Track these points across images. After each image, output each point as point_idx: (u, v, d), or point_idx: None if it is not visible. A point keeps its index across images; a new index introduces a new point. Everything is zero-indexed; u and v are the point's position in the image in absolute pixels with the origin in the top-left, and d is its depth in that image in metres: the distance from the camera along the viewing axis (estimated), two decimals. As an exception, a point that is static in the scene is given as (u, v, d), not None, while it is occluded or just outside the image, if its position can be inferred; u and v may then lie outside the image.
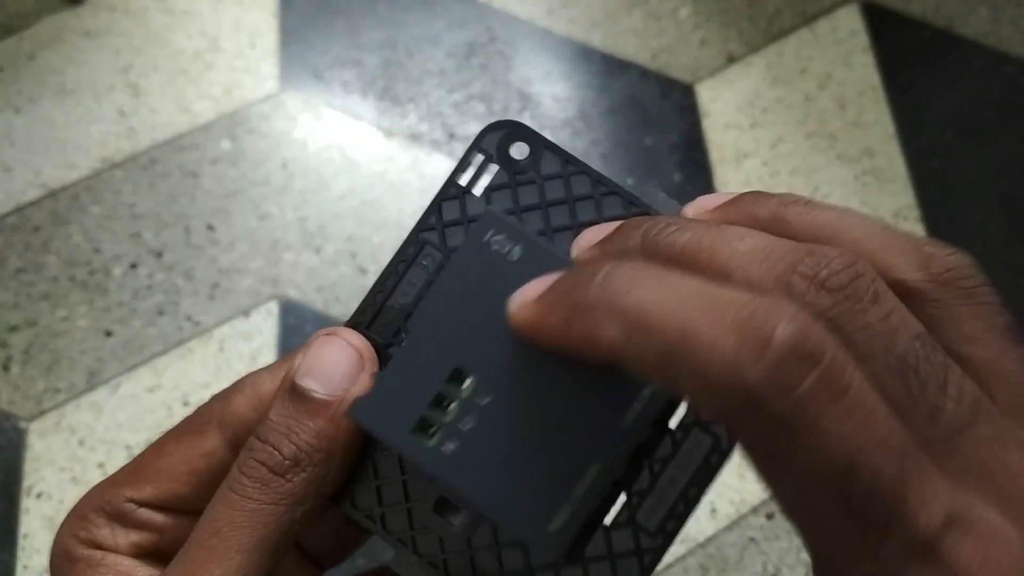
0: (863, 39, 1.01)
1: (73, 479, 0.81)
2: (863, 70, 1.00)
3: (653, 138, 0.97)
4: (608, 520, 0.18)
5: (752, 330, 0.12)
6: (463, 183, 0.20)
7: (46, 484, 0.81)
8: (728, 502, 0.81)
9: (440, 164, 0.96)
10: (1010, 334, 0.15)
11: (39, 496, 0.81)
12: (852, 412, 0.12)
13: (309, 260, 0.91)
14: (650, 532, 0.18)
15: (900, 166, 0.95)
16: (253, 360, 0.86)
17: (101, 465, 0.82)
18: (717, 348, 0.12)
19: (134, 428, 0.84)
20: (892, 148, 0.96)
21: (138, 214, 0.93)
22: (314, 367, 0.19)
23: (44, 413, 0.84)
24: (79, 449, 0.83)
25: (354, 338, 0.19)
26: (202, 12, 1.04)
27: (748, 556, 0.79)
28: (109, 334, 0.88)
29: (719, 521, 0.80)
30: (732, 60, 1.01)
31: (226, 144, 0.97)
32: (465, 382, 0.18)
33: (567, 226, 0.19)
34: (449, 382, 0.18)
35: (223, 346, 0.87)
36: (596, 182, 0.20)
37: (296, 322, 0.87)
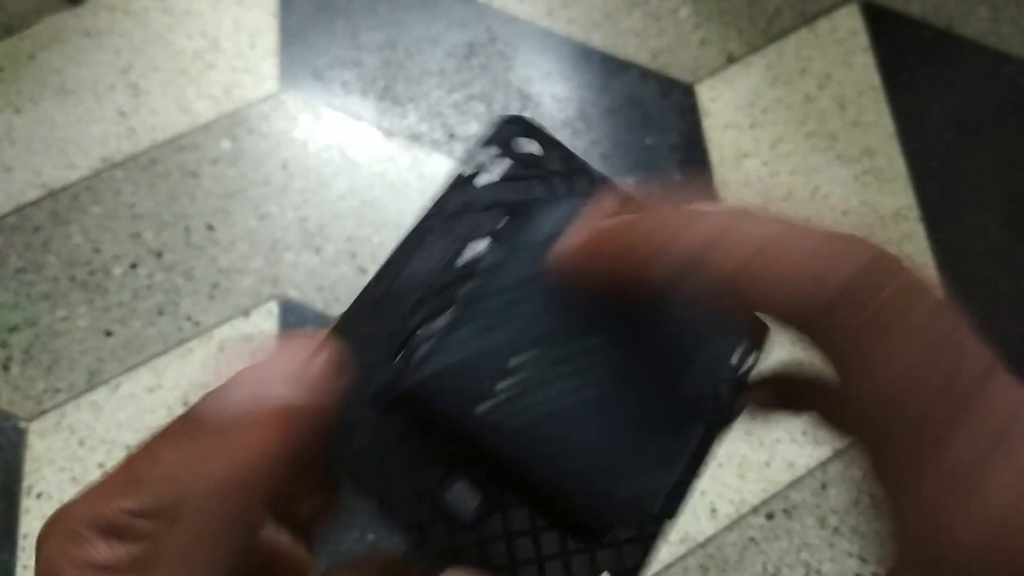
0: (863, 39, 1.01)
1: (73, 479, 0.81)
2: (863, 70, 1.00)
3: (653, 138, 0.97)
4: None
5: (837, 244, 0.14)
6: (469, 173, 0.19)
7: (46, 484, 0.81)
8: (728, 502, 0.81)
9: (440, 164, 0.95)
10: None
11: (39, 496, 0.81)
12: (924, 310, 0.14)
13: (309, 260, 0.91)
14: (652, 517, 0.18)
15: (900, 166, 0.95)
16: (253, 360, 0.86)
17: (101, 465, 0.82)
18: (803, 259, 0.14)
19: (134, 428, 0.84)
20: (892, 148, 0.96)
21: (138, 214, 0.93)
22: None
23: (44, 413, 0.84)
24: (79, 449, 0.83)
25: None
26: (202, 12, 1.04)
27: (748, 556, 0.79)
28: (109, 334, 0.88)
29: (719, 521, 0.80)
30: (732, 60, 1.01)
31: (226, 144, 0.97)
32: (524, 355, 0.17)
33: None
34: (511, 355, 0.17)
35: (223, 346, 0.87)
36: (598, 180, 0.20)
37: (296, 322, 0.87)
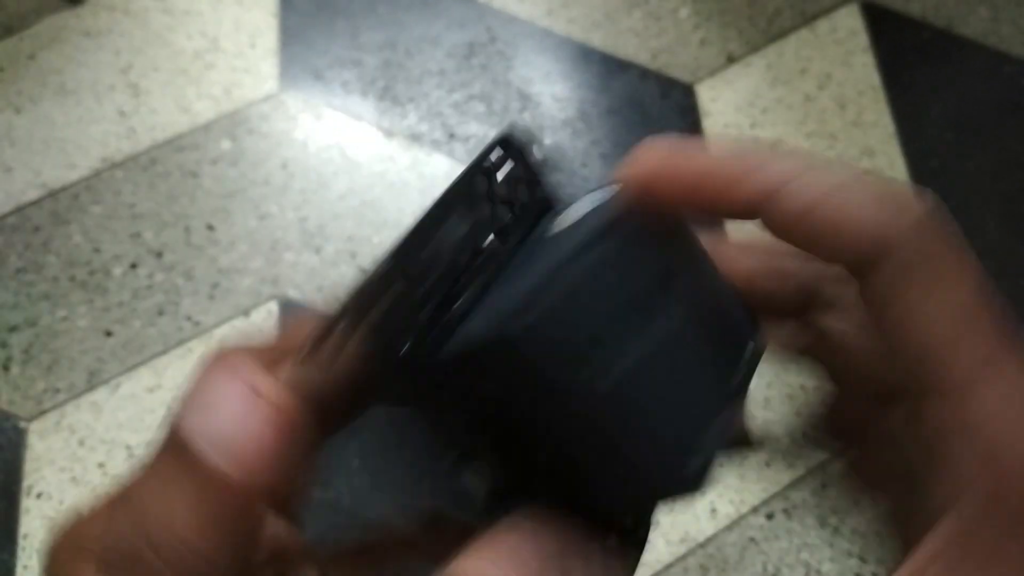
0: (863, 39, 1.01)
1: (73, 479, 0.81)
2: (863, 70, 1.00)
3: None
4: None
5: (897, 196, 0.15)
6: (489, 164, 0.19)
7: (46, 484, 0.81)
8: (728, 502, 0.81)
9: (440, 164, 0.95)
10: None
11: (39, 496, 0.81)
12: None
13: (309, 260, 0.91)
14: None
15: (900, 166, 0.95)
16: (253, 360, 0.86)
17: (101, 465, 0.82)
18: (867, 205, 0.15)
19: (134, 428, 0.84)
20: (892, 148, 0.96)
21: (138, 214, 0.93)
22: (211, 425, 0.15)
23: (44, 413, 0.84)
24: (79, 449, 0.83)
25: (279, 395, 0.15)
26: (202, 12, 1.04)
27: (748, 556, 0.79)
28: (109, 334, 0.88)
29: (719, 521, 0.80)
30: (732, 60, 1.01)
31: (226, 144, 0.97)
32: (612, 322, 0.17)
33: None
34: (604, 323, 0.17)
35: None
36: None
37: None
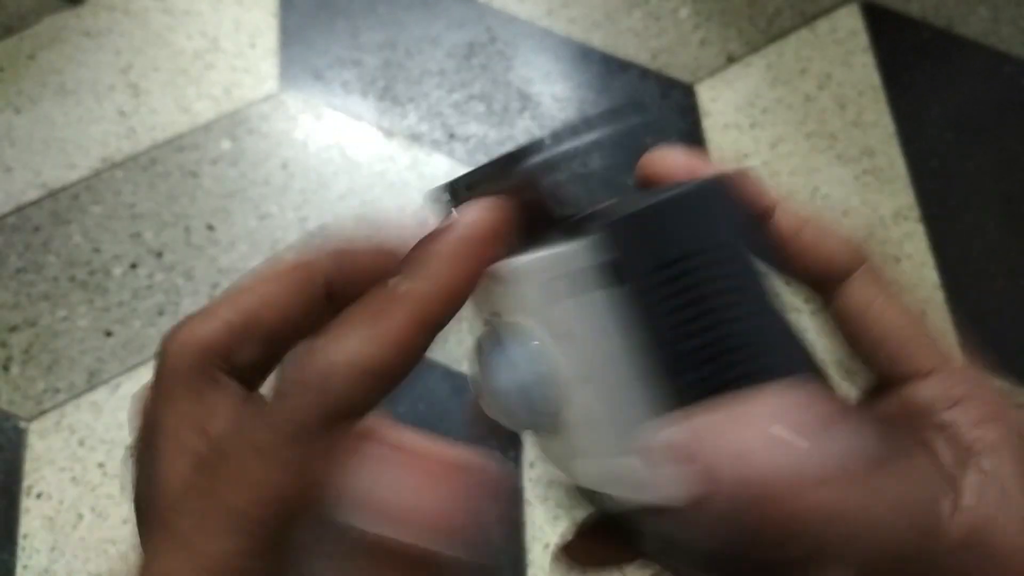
0: (863, 39, 1.01)
1: (73, 479, 0.81)
2: (863, 70, 1.00)
3: (653, 138, 0.97)
4: None
5: (850, 242, 0.19)
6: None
7: (46, 484, 0.81)
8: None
9: (440, 164, 0.95)
10: None
11: (39, 496, 0.81)
12: None
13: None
14: None
15: (900, 166, 0.95)
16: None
17: (101, 465, 0.82)
18: (834, 244, 0.20)
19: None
20: (892, 148, 0.96)
21: (138, 214, 0.93)
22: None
23: (44, 413, 0.84)
24: (79, 449, 0.83)
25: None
26: (202, 12, 1.04)
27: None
28: (109, 334, 0.88)
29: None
30: (732, 60, 1.01)
31: (226, 144, 0.97)
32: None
33: None
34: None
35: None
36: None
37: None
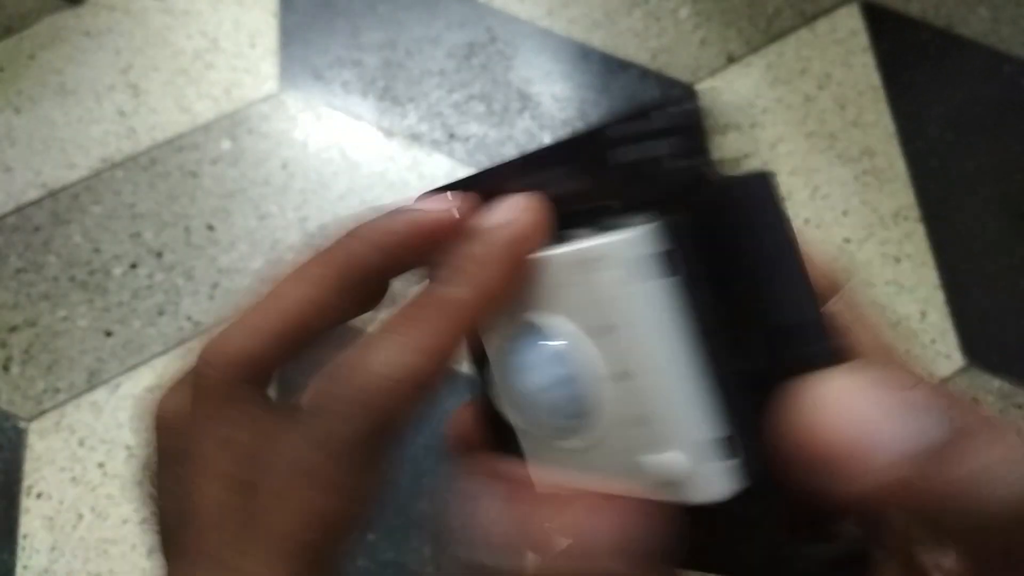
0: (863, 39, 1.01)
1: (73, 479, 0.81)
2: (863, 70, 1.00)
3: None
4: None
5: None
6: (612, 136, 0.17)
7: (46, 484, 0.81)
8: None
9: (440, 164, 0.95)
10: None
11: (39, 496, 0.81)
12: None
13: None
14: None
15: (900, 166, 0.95)
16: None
17: (101, 465, 0.82)
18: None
19: (134, 428, 0.84)
20: (892, 148, 0.96)
21: (138, 214, 0.93)
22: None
23: (44, 413, 0.84)
24: (79, 449, 0.83)
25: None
26: (202, 12, 1.04)
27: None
28: (109, 334, 0.88)
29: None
30: (732, 60, 1.01)
31: (226, 144, 0.97)
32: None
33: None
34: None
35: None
36: None
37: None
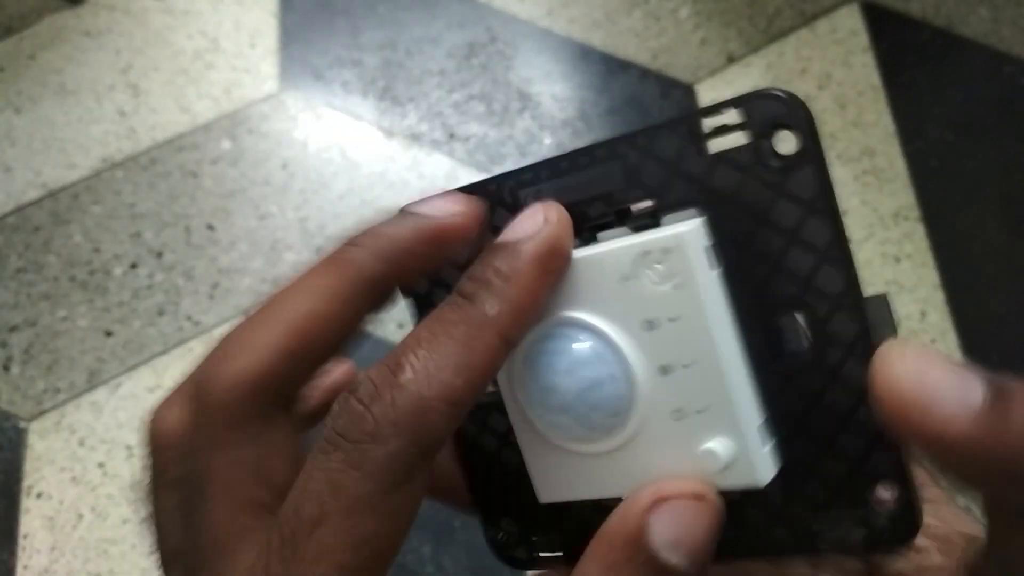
0: (863, 39, 1.01)
1: (73, 479, 0.81)
2: (863, 70, 1.00)
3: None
4: None
5: None
6: (708, 129, 0.16)
7: (46, 484, 0.81)
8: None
9: (440, 164, 0.95)
10: None
11: (39, 496, 0.81)
12: None
13: (309, 260, 0.91)
14: None
15: (900, 166, 0.95)
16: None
17: (101, 465, 0.82)
18: None
19: (134, 428, 0.84)
20: (892, 148, 0.96)
21: (138, 214, 0.93)
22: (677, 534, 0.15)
23: (44, 413, 0.84)
24: (79, 449, 0.83)
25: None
26: (202, 12, 1.04)
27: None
28: (109, 334, 0.88)
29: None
30: (732, 60, 1.01)
31: (226, 144, 0.97)
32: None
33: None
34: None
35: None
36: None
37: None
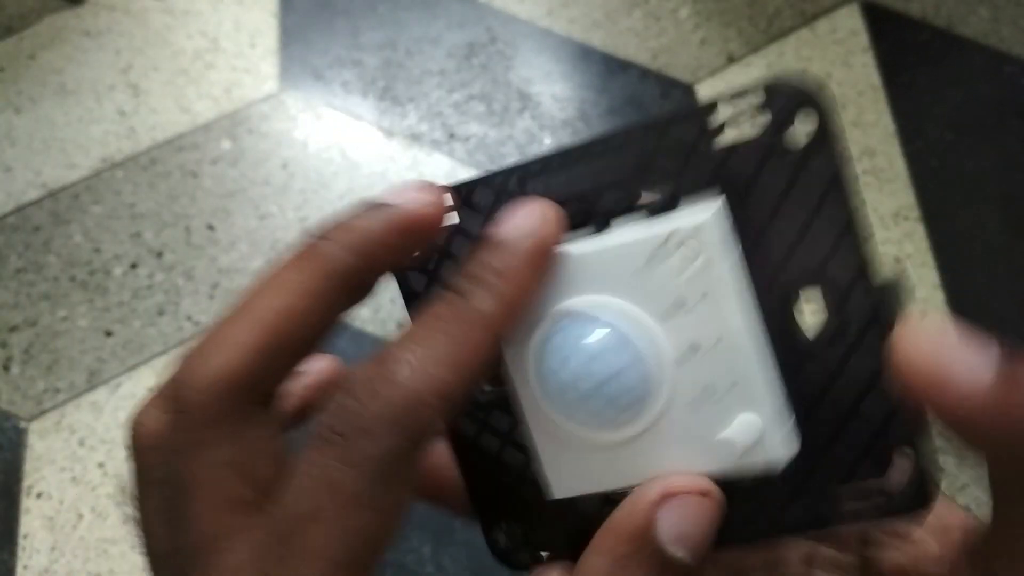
0: (863, 39, 1.01)
1: (73, 479, 0.81)
2: (863, 70, 1.00)
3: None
4: None
5: None
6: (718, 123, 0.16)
7: (46, 484, 0.81)
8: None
9: (440, 164, 0.95)
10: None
11: (39, 496, 0.81)
12: None
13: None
14: None
15: (900, 166, 0.95)
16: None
17: (101, 465, 0.82)
18: None
19: (134, 428, 0.84)
20: (892, 148, 0.96)
21: (138, 214, 0.93)
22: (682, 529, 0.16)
23: (44, 413, 0.84)
24: (79, 449, 0.83)
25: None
26: (202, 12, 1.04)
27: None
28: (109, 334, 0.88)
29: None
30: (732, 60, 1.01)
31: (226, 144, 0.97)
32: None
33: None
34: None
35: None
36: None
37: (296, 322, 0.88)
